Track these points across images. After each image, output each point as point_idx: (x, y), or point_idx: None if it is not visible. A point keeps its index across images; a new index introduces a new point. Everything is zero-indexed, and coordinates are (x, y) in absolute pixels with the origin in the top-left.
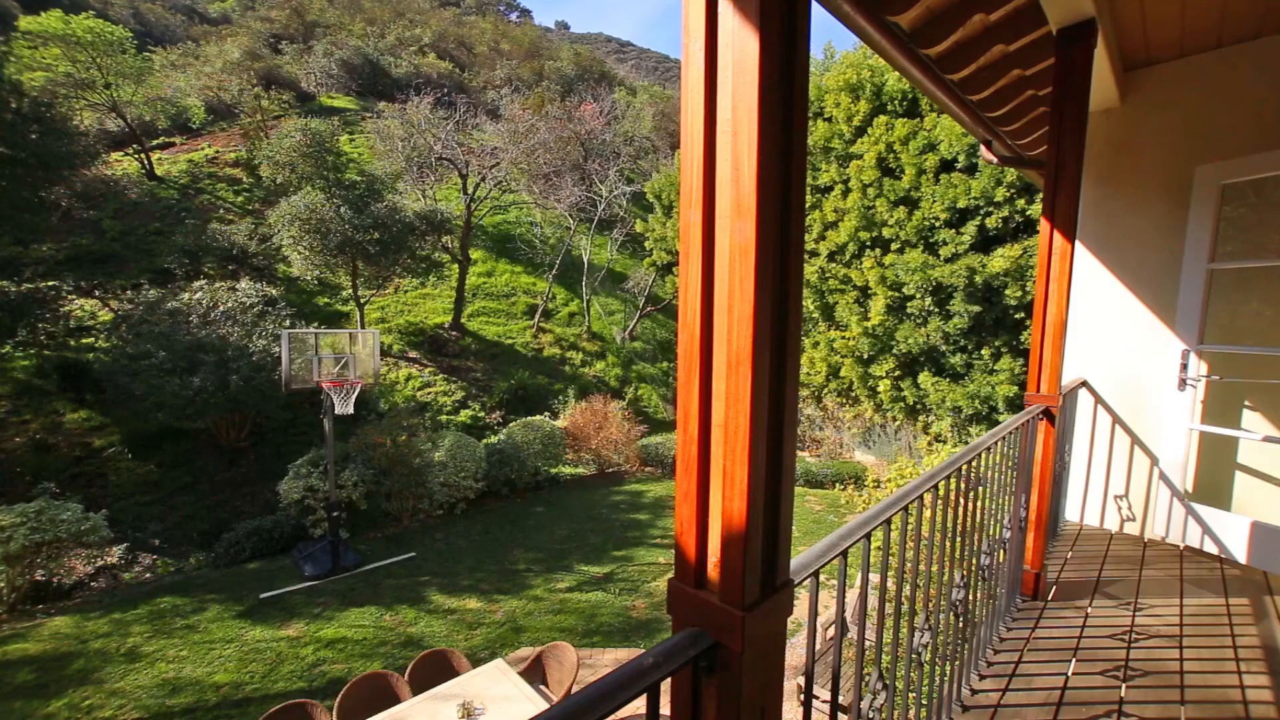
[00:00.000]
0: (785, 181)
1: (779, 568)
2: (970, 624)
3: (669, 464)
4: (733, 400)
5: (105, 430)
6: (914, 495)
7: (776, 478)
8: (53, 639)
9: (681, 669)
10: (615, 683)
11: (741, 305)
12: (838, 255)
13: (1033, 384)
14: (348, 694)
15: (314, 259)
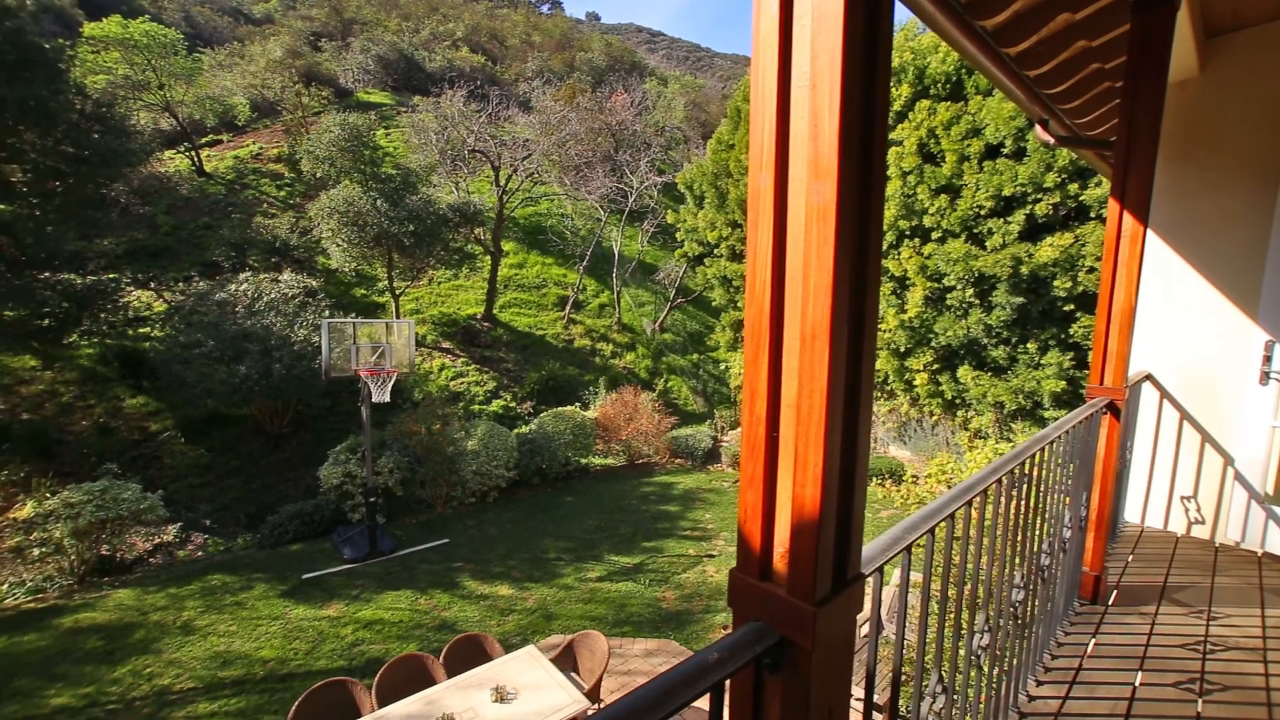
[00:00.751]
0: (867, 140)
1: (851, 560)
2: (1028, 626)
3: (699, 456)
4: (806, 377)
5: (160, 415)
6: (977, 489)
7: (851, 462)
8: (117, 609)
9: (746, 667)
10: (679, 680)
11: (818, 274)
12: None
13: (1095, 376)
14: (385, 674)
15: (351, 251)
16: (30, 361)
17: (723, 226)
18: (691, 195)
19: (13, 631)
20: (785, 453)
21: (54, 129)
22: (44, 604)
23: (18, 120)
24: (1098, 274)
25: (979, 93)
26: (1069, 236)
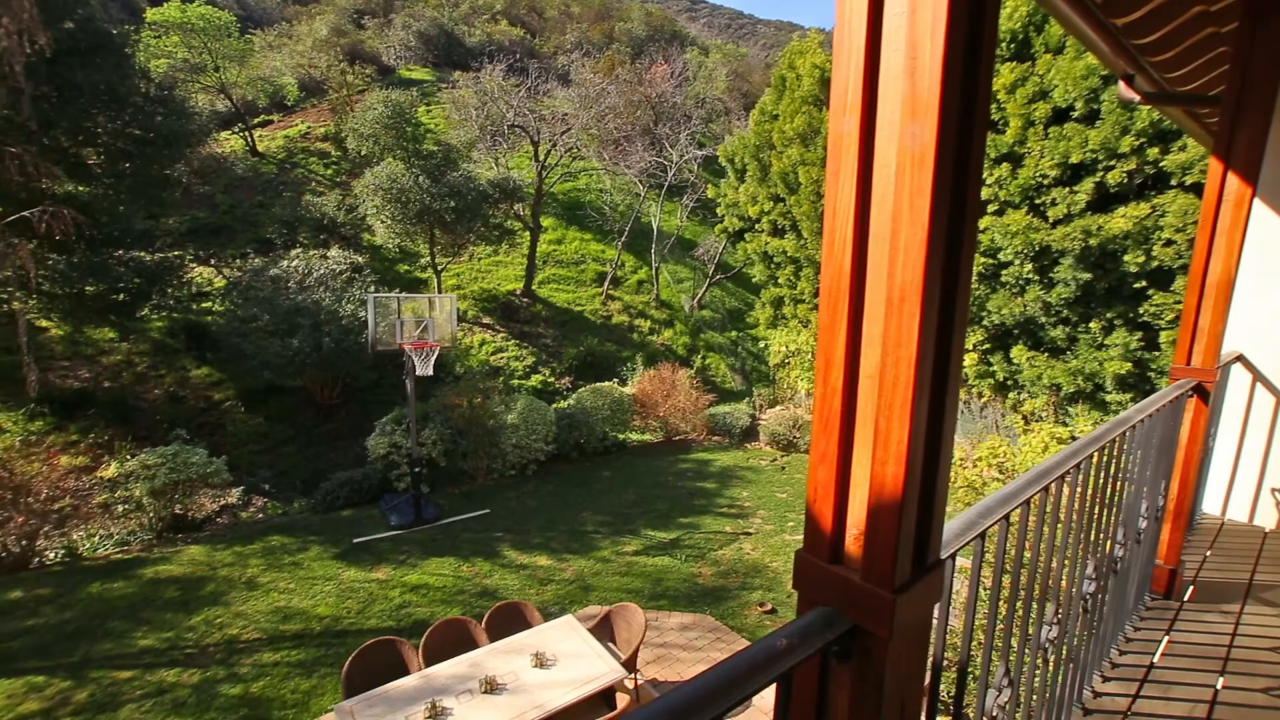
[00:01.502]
0: (972, 72)
1: (931, 544)
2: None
3: (736, 434)
4: (892, 345)
5: (223, 385)
6: (1055, 474)
7: (937, 438)
8: (190, 564)
9: (816, 654)
10: (746, 667)
11: (911, 229)
12: None
13: (1181, 355)
14: (431, 635)
15: (395, 227)
16: (109, 334)
17: (764, 201)
18: (732, 168)
19: (105, 579)
20: (863, 427)
21: (122, 112)
22: (129, 556)
23: (90, 104)
24: (1176, 247)
25: (1048, 51)
26: (1144, 206)
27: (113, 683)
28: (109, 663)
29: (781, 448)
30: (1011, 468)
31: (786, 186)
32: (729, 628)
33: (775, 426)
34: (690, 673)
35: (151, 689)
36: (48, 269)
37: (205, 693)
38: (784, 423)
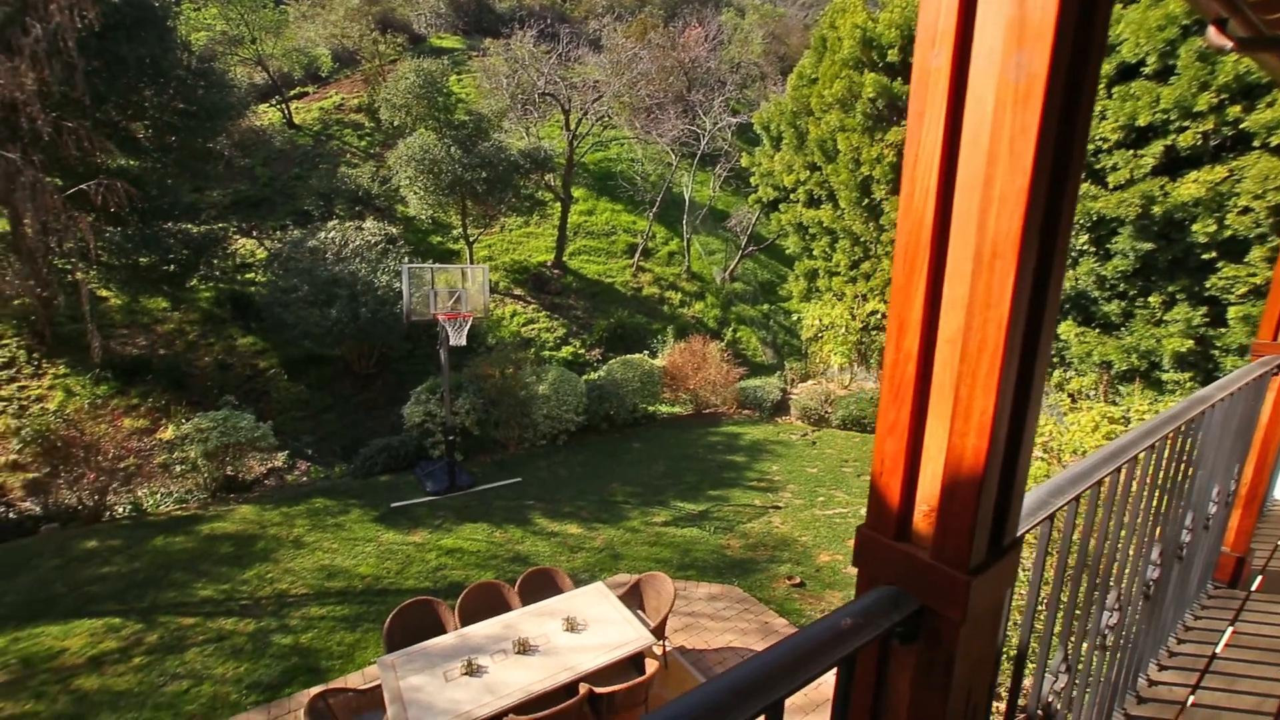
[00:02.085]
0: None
1: (1009, 524)
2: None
3: (767, 408)
4: (980, 306)
5: (267, 354)
6: (1130, 453)
7: (1023, 409)
8: (242, 522)
9: (881, 636)
10: (810, 646)
11: (1009, 176)
12: None
13: (1267, 330)
14: (467, 597)
15: (428, 198)
16: (162, 303)
17: (800, 169)
18: (768, 136)
19: (167, 533)
20: (940, 396)
21: (167, 85)
22: (187, 513)
23: (137, 78)
24: (1253, 215)
25: (1116, 0)
26: (1221, 170)
27: (178, 628)
28: (174, 609)
29: (813, 422)
30: (1057, 448)
31: (824, 154)
32: (757, 599)
33: (807, 401)
34: (718, 642)
35: (212, 635)
36: (105, 241)
37: (260, 641)
38: (816, 397)
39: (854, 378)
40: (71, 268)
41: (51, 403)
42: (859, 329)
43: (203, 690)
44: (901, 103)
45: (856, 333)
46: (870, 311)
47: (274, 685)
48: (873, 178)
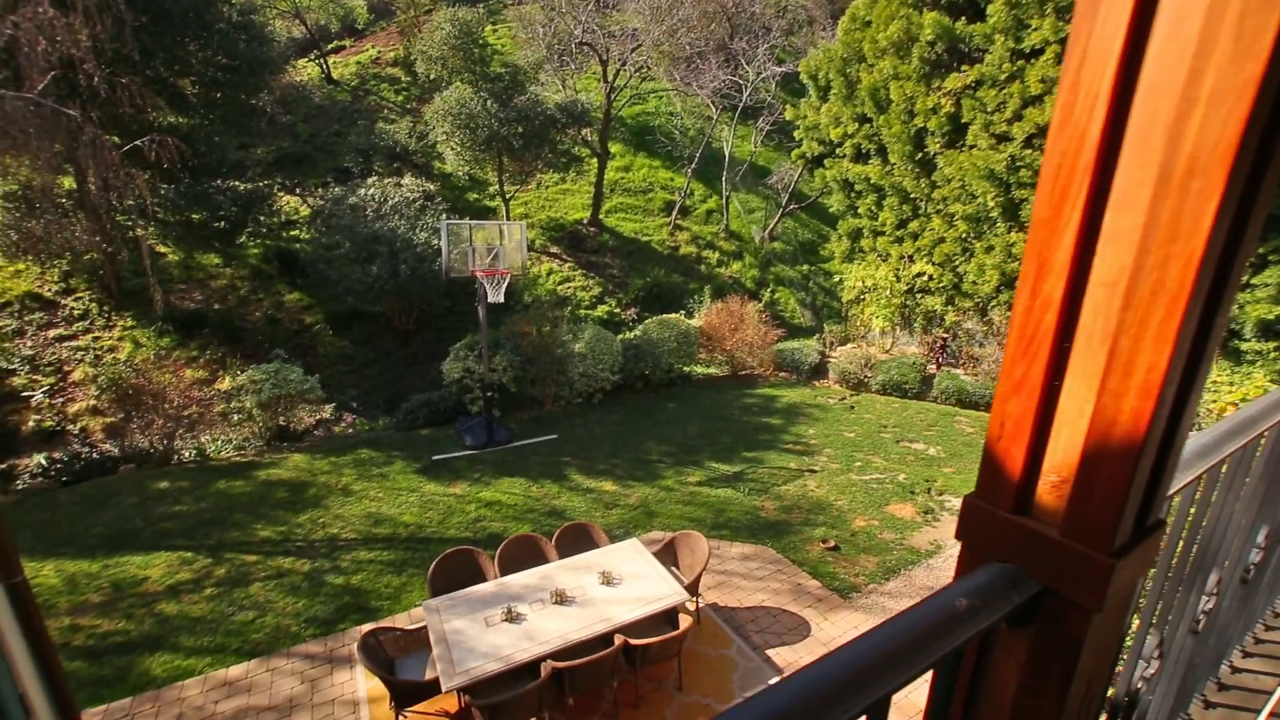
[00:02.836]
0: None
1: (1158, 500)
2: (1253, 592)
3: (804, 371)
4: (1161, 240)
5: (312, 310)
6: (1263, 425)
7: (1195, 368)
8: (295, 469)
9: (997, 620)
10: (922, 629)
11: (1230, 65)
12: (1037, 139)
13: None
14: (506, 548)
15: (464, 154)
16: (214, 259)
17: (848, 122)
18: (815, 86)
19: (228, 477)
20: (1087, 350)
21: (210, 40)
22: (245, 459)
23: (181, 32)
24: None
25: None
26: None
27: (242, 564)
28: (238, 547)
29: (851, 387)
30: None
31: (875, 105)
32: (790, 561)
33: (846, 365)
34: (750, 600)
35: (272, 572)
36: (160, 198)
37: (314, 580)
38: (855, 361)
39: (895, 342)
40: (132, 224)
41: (122, 353)
42: (903, 291)
43: (266, 621)
44: (964, 46)
45: (901, 295)
46: (916, 274)
47: (329, 621)
48: (927, 130)
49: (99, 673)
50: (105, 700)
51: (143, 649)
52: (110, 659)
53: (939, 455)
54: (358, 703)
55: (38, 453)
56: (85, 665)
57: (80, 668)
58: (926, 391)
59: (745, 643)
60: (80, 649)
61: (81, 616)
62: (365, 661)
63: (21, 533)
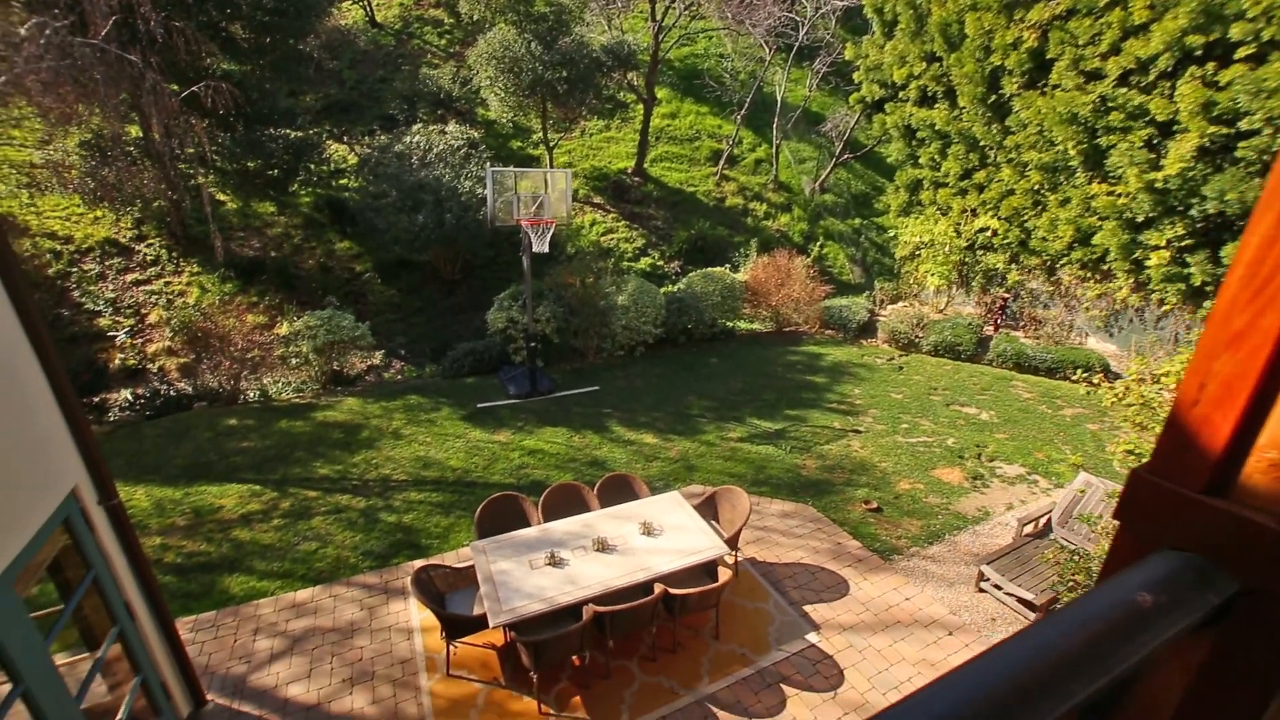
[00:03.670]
0: None
1: None
2: None
3: (852, 329)
4: None
5: (361, 258)
6: None
7: None
8: (349, 412)
9: (1194, 623)
10: (1098, 626)
11: None
12: (1135, 75)
13: None
14: (549, 495)
15: (508, 100)
16: (269, 208)
17: (915, 61)
18: (879, 21)
19: (289, 417)
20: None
21: None
22: (303, 401)
23: None
24: None
25: None
26: None
27: (304, 499)
28: (300, 483)
29: (901, 347)
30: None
31: (946, 41)
32: (830, 520)
33: (896, 324)
34: (788, 557)
35: (331, 508)
36: (218, 146)
37: (369, 517)
38: (906, 320)
39: (950, 301)
40: (193, 172)
41: (190, 297)
42: (962, 247)
43: (327, 552)
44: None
45: (959, 252)
46: (979, 229)
47: (383, 555)
48: (1004, 69)
49: (187, 587)
50: (194, 612)
51: (222, 569)
52: (196, 576)
53: (992, 420)
54: (411, 630)
55: (124, 388)
56: (175, 580)
57: (171, 582)
58: (981, 354)
59: (782, 598)
60: (170, 566)
61: (170, 537)
62: (418, 595)
63: (115, 460)
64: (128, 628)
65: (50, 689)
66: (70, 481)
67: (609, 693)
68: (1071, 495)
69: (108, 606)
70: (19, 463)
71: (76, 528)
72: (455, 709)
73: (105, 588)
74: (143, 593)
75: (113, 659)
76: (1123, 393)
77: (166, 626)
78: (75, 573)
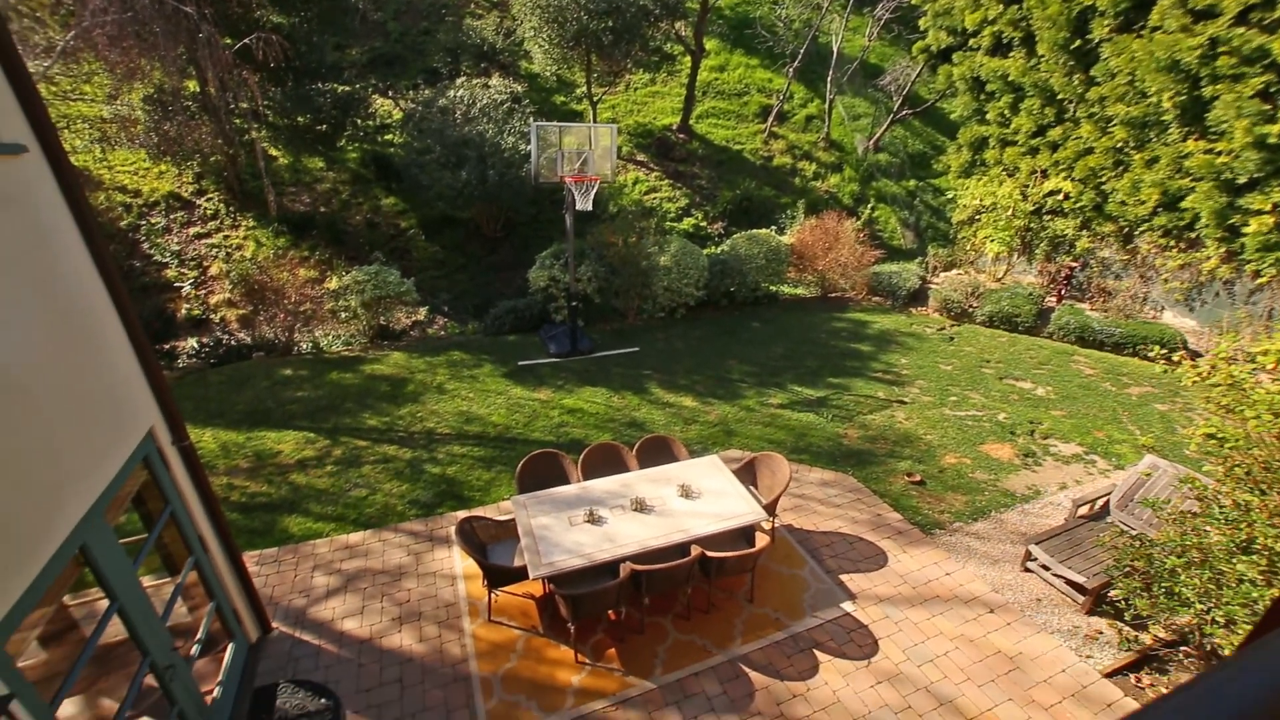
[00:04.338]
0: None
1: None
2: None
3: (901, 296)
4: None
5: (406, 215)
6: None
7: None
8: (395, 366)
9: None
10: None
11: None
12: (1258, 12)
13: None
14: (589, 454)
15: (553, 52)
16: (319, 163)
17: (991, 3)
18: None
19: (339, 369)
20: None
21: None
22: (352, 354)
23: None
24: None
25: None
26: None
27: (354, 447)
28: (350, 432)
29: (953, 316)
30: None
31: None
32: (871, 490)
33: (949, 292)
34: (826, 525)
35: (379, 457)
36: (270, 100)
37: (415, 468)
38: (960, 288)
39: (1010, 269)
40: (246, 127)
41: (247, 251)
42: (1028, 211)
43: (376, 499)
44: None
45: (1025, 216)
46: (1049, 191)
47: (428, 504)
48: (1094, 9)
49: (251, 525)
50: (258, 547)
51: (282, 510)
52: (258, 514)
53: (1048, 396)
54: (455, 577)
55: (190, 337)
56: (240, 517)
57: (237, 519)
58: (1041, 326)
59: (819, 565)
60: (236, 504)
61: (235, 478)
62: (462, 544)
63: (184, 404)
64: (201, 558)
65: (139, 607)
66: (147, 422)
67: (643, 647)
68: (1135, 478)
69: (184, 538)
70: (104, 403)
71: (154, 465)
72: (495, 652)
73: (181, 521)
74: (213, 527)
75: (190, 585)
76: (1208, 372)
77: (235, 559)
78: (155, 506)
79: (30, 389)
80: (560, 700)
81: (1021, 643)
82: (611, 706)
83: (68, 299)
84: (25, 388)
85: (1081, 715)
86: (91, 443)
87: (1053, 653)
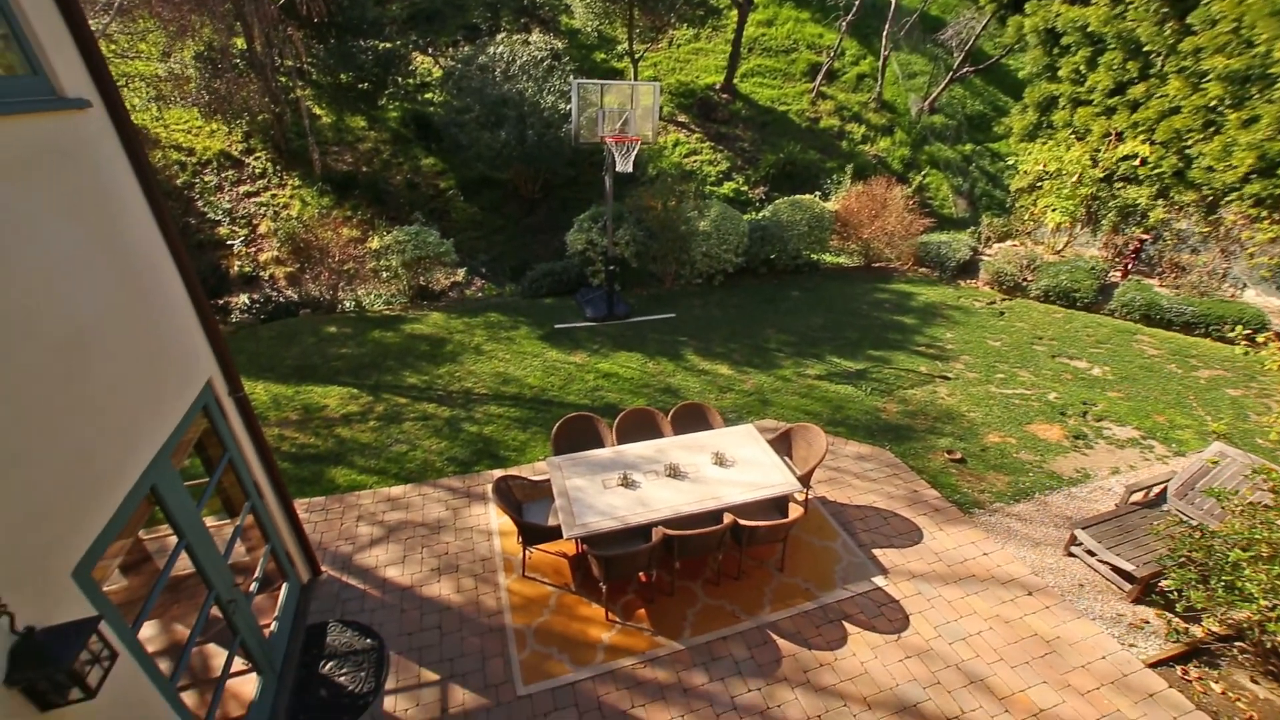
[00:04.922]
0: None
1: None
2: None
3: (950, 268)
4: None
5: (445, 175)
6: None
7: None
8: (434, 326)
9: None
10: None
11: None
12: None
13: None
14: (624, 418)
15: (594, 6)
16: (360, 122)
17: None
18: None
19: (380, 328)
20: None
21: None
22: (393, 313)
23: None
24: None
25: None
26: None
27: (396, 404)
28: (391, 389)
29: (1005, 290)
30: None
31: None
32: (908, 466)
33: (1002, 264)
34: (861, 500)
35: (419, 415)
36: (313, 56)
37: (453, 426)
38: (1015, 261)
39: (1071, 241)
40: (291, 85)
41: (293, 210)
42: (1097, 178)
43: (416, 455)
44: None
45: (1093, 184)
46: (1124, 156)
47: (466, 462)
48: None
49: (300, 474)
50: (307, 495)
51: (328, 461)
52: (307, 465)
53: (1105, 377)
54: (491, 533)
55: (242, 293)
56: (290, 466)
57: (287, 468)
58: (1102, 303)
59: (851, 539)
60: (286, 454)
61: (285, 429)
62: (498, 501)
63: (238, 358)
64: (257, 504)
65: (204, 545)
66: (206, 374)
67: (672, 609)
68: (1199, 465)
69: (241, 484)
70: (168, 354)
71: (213, 414)
72: (529, 606)
73: (238, 468)
74: (267, 475)
75: (248, 527)
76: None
77: (287, 506)
78: (214, 453)
79: (103, 337)
80: (590, 655)
81: (1060, 627)
82: (640, 664)
83: (132, 254)
84: (99, 335)
85: (1120, 703)
86: (158, 391)
87: (1093, 639)
